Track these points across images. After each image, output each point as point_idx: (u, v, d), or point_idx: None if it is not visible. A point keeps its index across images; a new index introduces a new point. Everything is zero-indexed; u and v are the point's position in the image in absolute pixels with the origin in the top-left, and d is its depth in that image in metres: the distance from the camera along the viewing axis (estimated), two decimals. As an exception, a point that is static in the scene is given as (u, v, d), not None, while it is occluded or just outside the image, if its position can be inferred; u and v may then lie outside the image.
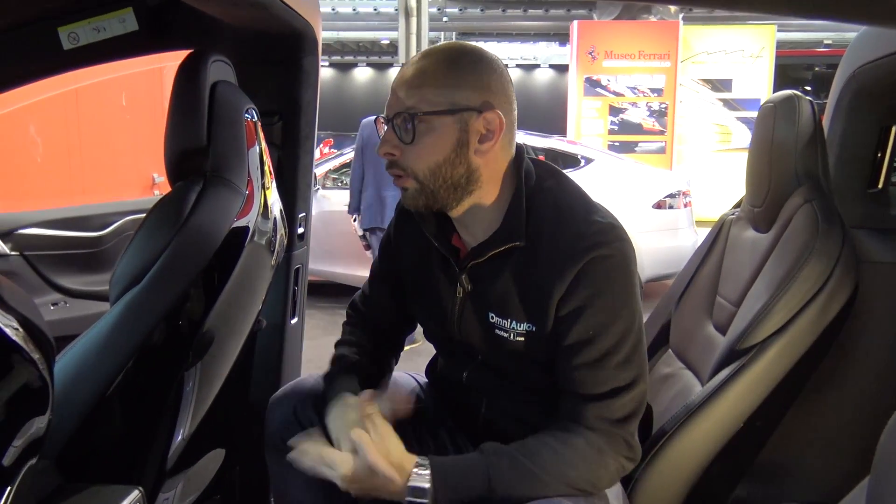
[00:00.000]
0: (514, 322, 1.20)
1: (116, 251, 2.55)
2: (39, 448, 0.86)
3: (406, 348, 1.53)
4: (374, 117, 1.24)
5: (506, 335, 1.21)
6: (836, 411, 1.41)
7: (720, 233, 1.66)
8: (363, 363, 1.37)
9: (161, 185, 3.75)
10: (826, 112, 1.63)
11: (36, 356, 0.81)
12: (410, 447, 1.16)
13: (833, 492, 1.51)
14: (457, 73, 1.16)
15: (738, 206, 1.71)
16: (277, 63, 1.67)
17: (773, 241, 1.41)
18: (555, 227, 1.17)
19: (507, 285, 1.20)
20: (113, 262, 2.61)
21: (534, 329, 1.18)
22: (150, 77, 3.67)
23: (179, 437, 1.30)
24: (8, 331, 0.76)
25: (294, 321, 1.91)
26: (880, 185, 1.66)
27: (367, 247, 4.44)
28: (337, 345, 1.43)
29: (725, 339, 1.37)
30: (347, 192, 5.04)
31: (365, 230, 4.33)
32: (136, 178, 3.71)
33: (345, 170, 5.83)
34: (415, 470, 1.11)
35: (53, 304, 2.32)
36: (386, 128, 1.20)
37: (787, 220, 1.39)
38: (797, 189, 1.40)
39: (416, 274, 1.35)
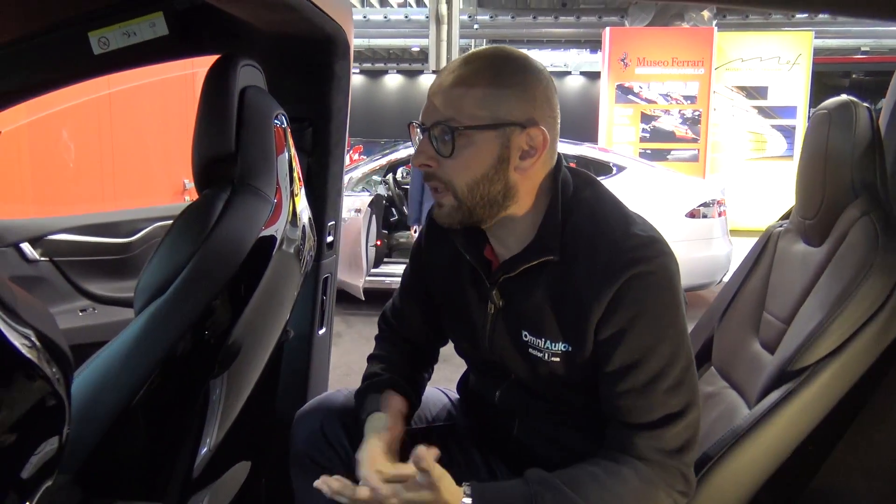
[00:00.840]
0: (548, 342, 1.13)
1: (145, 257, 2.53)
2: (55, 467, 0.82)
3: None
4: None
5: (540, 355, 1.14)
6: (891, 438, 1.33)
7: (767, 245, 1.58)
8: (395, 381, 1.31)
9: (192, 191, 3.75)
10: (882, 118, 1.55)
11: (51, 373, 0.78)
12: (441, 464, 1.09)
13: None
14: (501, 84, 1.08)
15: (785, 217, 1.63)
16: (308, 68, 1.64)
17: (826, 255, 1.33)
18: (592, 240, 1.10)
19: (540, 302, 1.13)
20: (141, 268, 2.62)
21: (570, 349, 1.12)
22: (182, 82, 3.68)
23: (205, 450, 1.27)
24: (21, 347, 0.73)
25: (322, 332, 1.87)
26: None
27: None
28: (369, 359, 1.39)
29: (775, 360, 1.30)
30: (357, 197, 4.99)
31: None
32: (167, 183, 3.73)
33: (374, 177, 5.80)
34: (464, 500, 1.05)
35: (82, 311, 2.32)
36: (421, 136, 1.13)
37: (842, 233, 1.31)
38: (854, 201, 1.32)
39: (446, 287, 1.29)
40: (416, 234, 4.35)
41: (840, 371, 1.21)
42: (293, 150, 1.43)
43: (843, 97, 1.37)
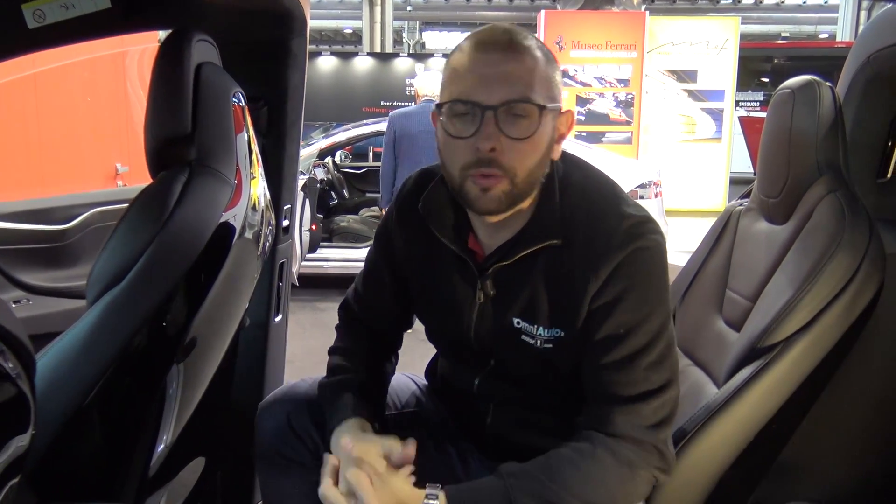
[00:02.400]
0: (541, 328, 1.11)
1: (82, 245, 2.42)
2: (21, 467, 0.78)
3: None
4: (407, 110, 1.12)
5: (532, 342, 1.12)
6: (853, 410, 1.37)
7: (728, 224, 1.60)
8: (360, 376, 1.26)
9: (124, 175, 3.59)
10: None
11: (14, 370, 0.72)
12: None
13: (848, 492, 1.48)
14: (553, 62, 1.06)
15: (745, 196, 1.65)
16: (264, 44, 1.57)
17: (792, 233, 1.35)
18: (588, 223, 1.08)
19: (537, 288, 1.11)
20: (79, 256, 2.50)
21: (563, 334, 1.10)
22: (112, 62, 3.51)
23: (161, 447, 1.22)
24: None
25: (278, 319, 1.81)
26: (889, 175, 1.62)
27: None
28: (330, 352, 1.33)
29: (744, 337, 1.32)
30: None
31: None
32: (99, 167, 3.55)
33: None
34: (425, 502, 1.02)
35: (15, 302, 2.18)
36: (484, 116, 1.01)
37: (807, 211, 1.33)
38: (818, 179, 1.34)
39: (423, 276, 1.25)
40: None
41: (810, 346, 1.24)
42: (251, 130, 1.37)
43: (807, 77, 1.39)
